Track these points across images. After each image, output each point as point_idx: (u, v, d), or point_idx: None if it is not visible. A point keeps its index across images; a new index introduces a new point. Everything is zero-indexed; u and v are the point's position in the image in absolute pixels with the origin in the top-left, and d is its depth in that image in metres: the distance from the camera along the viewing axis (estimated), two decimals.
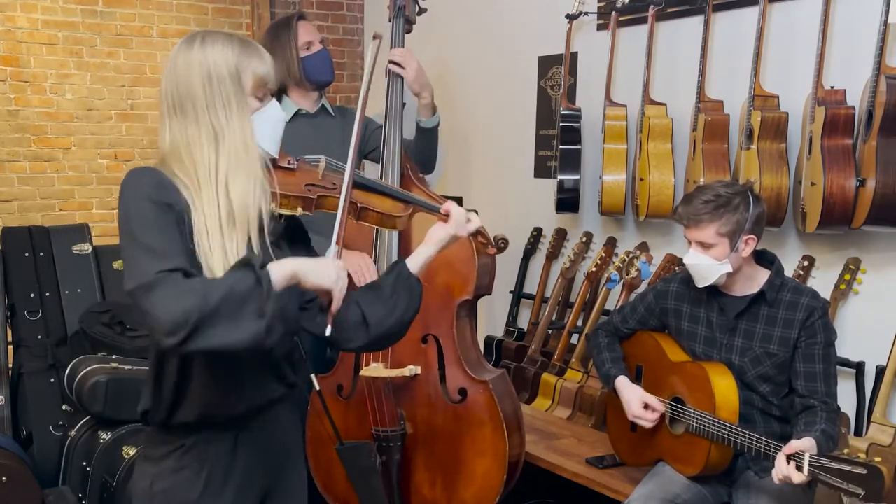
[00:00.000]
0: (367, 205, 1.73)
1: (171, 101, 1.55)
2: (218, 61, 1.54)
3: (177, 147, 1.54)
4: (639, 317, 2.56)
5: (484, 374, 2.67)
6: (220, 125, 1.53)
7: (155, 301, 1.38)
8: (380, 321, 1.71)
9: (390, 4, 2.93)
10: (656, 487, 2.30)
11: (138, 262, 1.42)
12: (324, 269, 1.53)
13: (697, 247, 2.24)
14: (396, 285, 1.73)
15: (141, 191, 1.49)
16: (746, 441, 2.11)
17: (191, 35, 1.59)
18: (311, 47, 2.95)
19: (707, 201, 2.21)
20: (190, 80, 1.54)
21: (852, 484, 1.82)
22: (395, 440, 2.65)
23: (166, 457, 1.60)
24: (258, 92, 1.60)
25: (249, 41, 1.61)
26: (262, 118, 1.60)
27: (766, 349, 2.26)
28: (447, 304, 2.63)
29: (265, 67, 1.60)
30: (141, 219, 1.46)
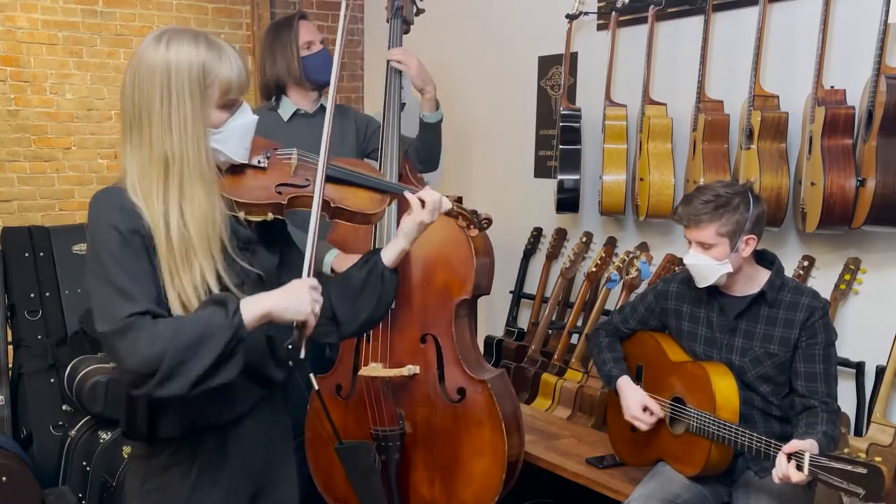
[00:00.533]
0: (342, 203, 1.66)
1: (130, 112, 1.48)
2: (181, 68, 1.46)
3: (131, 170, 1.49)
4: (639, 317, 2.56)
5: (483, 373, 2.67)
6: (171, 149, 1.46)
7: (127, 347, 1.38)
8: (351, 317, 1.69)
9: (388, 5, 2.93)
10: (657, 487, 2.30)
11: (109, 302, 1.41)
12: (298, 302, 1.48)
13: (697, 247, 2.24)
14: (368, 280, 1.70)
15: (107, 218, 1.45)
16: (747, 441, 2.11)
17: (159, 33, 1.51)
18: (311, 47, 2.96)
19: (707, 201, 2.21)
20: (150, 88, 1.46)
21: (852, 483, 1.82)
22: (394, 440, 2.65)
23: (156, 455, 1.60)
24: (225, 101, 1.52)
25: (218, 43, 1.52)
26: (230, 129, 1.54)
27: (766, 349, 2.26)
28: (445, 304, 2.63)
29: (232, 72, 1.50)
30: (109, 253, 1.43)
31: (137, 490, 1.62)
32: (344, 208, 1.67)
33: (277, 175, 1.63)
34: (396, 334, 2.66)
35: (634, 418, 2.37)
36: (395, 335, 2.66)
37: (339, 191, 1.68)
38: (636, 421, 2.37)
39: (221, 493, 1.62)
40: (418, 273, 2.65)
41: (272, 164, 1.63)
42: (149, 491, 1.60)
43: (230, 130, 1.54)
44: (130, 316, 1.39)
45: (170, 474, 1.59)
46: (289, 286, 1.52)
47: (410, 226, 1.74)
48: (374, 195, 1.72)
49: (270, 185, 1.60)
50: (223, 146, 1.54)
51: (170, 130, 1.46)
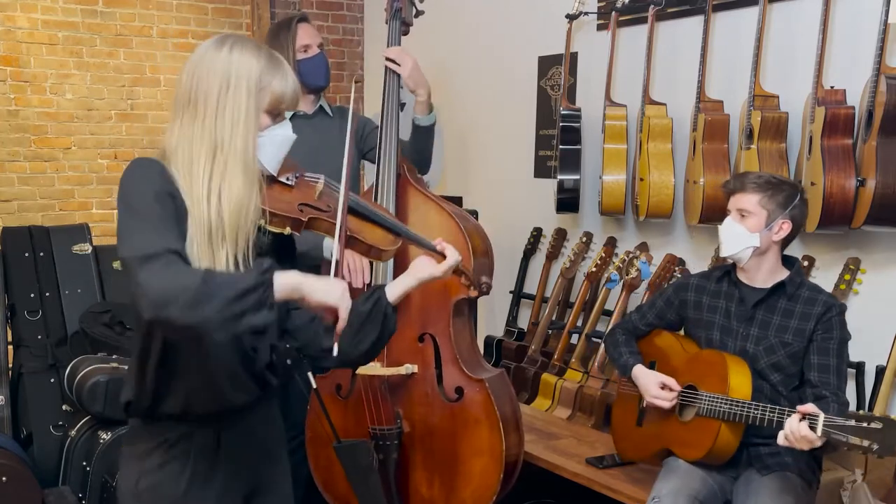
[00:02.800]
0: (357, 234, 1.72)
1: (186, 98, 1.54)
2: (241, 71, 1.53)
3: (179, 146, 1.53)
4: (657, 311, 2.57)
5: (481, 372, 2.67)
6: (222, 135, 1.52)
7: (153, 273, 1.38)
8: (350, 347, 1.71)
9: (387, 7, 2.93)
10: (681, 483, 2.30)
11: (141, 234, 1.43)
12: (329, 288, 1.53)
13: (735, 214, 2.33)
14: (371, 315, 1.73)
15: (147, 178, 1.49)
16: (759, 413, 2.13)
17: (222, 37, 1.58)
18: (307, 50, 2.96)
19: (760, 176, 2.34)
20: (209, 81, 1.53)
21: (866, 439, 1.81)
22: (392, 439, 2.64)
23: (150, 453, 1.60)
24: (274, 109, 1.58)
25: (278, 58, 1.60)
26: (271, 136, 1.59)
27: (781, 339, 2.29)
28: (444, 303, 2.63)
29: (286, 86, 1.58)
30: (146, 201, 1.46)
31: (132, 490, 1.62)
32: (360, 239, 1.72)
33: (302, 195, 1.67)
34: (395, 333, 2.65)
35: (655, 397, 2.39)
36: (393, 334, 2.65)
37: (358, 223, 1.74)
38: (657, 400, 2.38)
39: (215, 492, 1.63)
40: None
41: (299, 184, 1.68)
42: (143, 490, 1.60)
43: (270, 137, 1.59)
44: (166, 250, 1.41)
45: (164, 473, 1.60)
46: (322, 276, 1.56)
47: (426, 274, 1.80)
48: (388, 234, 1.78)
49: (294, 202, 1.65)
50: (260, 151, 1.58)
51: (223, 118, 1.52)
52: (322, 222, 1.66)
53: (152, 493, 1.60)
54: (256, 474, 1.72)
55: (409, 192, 2.71)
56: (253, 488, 1.72)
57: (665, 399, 2.38)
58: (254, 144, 1.55)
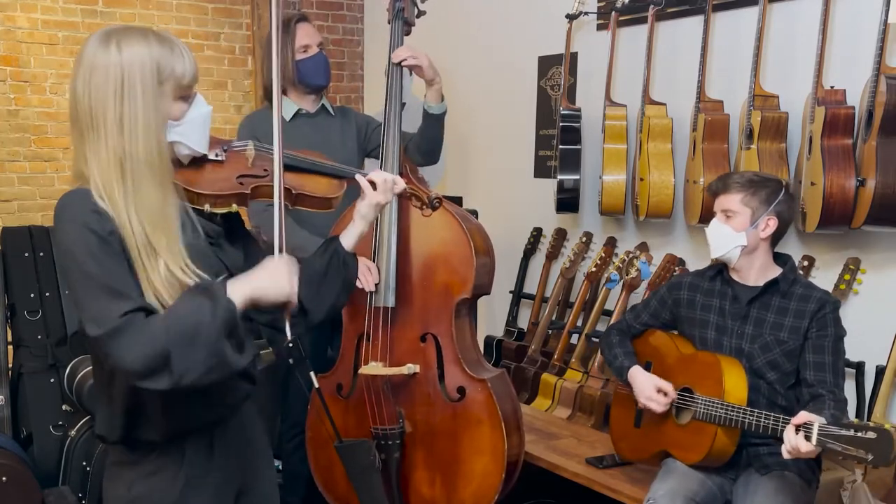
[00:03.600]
0: (303, 189, 1.68)
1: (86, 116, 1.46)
2: (134, 69, 1.44)
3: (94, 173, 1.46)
4: (651, 310, 2.57)
5: (483, 373, 2.67)
6: (123, 149, 1.44)
7: (123, 347, 1.36)
8: (317, 304, 1.70)
9: (389, 7, 2.93)
10: (677, 484, 2.30)
11: (98, 304, 1.38)
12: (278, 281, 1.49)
13: (721, 215, 2.34)
14: (329, 267, 1.71)
15: (82, 220, 1.42)
16: (754, 420, 2.13)
17: (106, 34, 1.48)
18: (307, 50, 2.96)
19: (743, 175, 2.36)
20: (104, 91, 1.44)
21: (861, 449, 1.81)
22: (394, 438, 2.65)
23: (141, 460, 1.56)
24: (183, 93, 1.51)
25: (168, 38, 1.51)
26: (190, 120, 1.53)
27: (776, 336, 2.29)
28: (446, 303, 2.63)
29: (185, 65, 1.49)
30: (90, 255, 1.40)
31: (124, 496, 1.57)
32: (306, 194, 1.69)
33: (236, 167, 1.64)
34: (397, 333, 2.66)
35: (650, 399, 2.38)
36: (395, 334, 2.66)
37: (299, 178, 1.70)
38: (651, 402, 2.38)
39: (210, 492, 1.61)
40: (419, 272, 2.65)
41: (229, 157, 1.64)
42: (137, 497, 1.56)
43: (191, 121, 1.53)
44: (124, 314, 1.37)
45: (157, 479, 1.56)
46: (266, 265, 1.52)
47: (366, 208, 1.76)
48: (331, 181, 1.75)
49: (231, 177, 1.61)
50: (186, 138, 1.53)
51: (121, 131, 1.45)
52: (265, 188, 1.62)
53: (146, 500, 1.56)
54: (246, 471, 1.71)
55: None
56: (243, 484, 1.70)
57: (659, 402, 2.37)
58: (158, 143, 1.47)
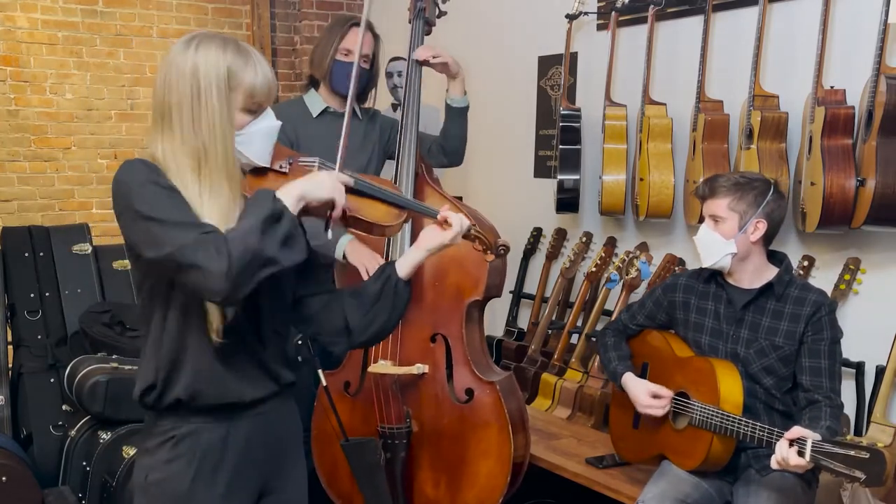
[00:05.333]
0: (357, 213, 1.70)
1: (161, 107, 1.55)
2: (209, 72, 1.53)
3: (166, 158, 1.54)
4: (647, 311, 2.57)
5: (491, 375, 2.67)
6: (203, 144, 1.53)
7: (207, 256, 1.42)
8: (363, 329, 1.72)
9: (410, 7, 2.92)
10: (669, 486, 2.30)
11: (175, 230, 1.44)
12: (321, 182, 1.56)
13: (709, 221, 2.30)
14: (382, 292, 1.72)
15: (143, 177, 1.50)
16: (749, 430, 2.12)
17: (190, 37, 1.58)
18: (349, 55, 2.87)
19: (729, 178, 2.30)
20: (180, 88, 1.53)
21: (854, 468, 1.82)
22: (401, 438, 2.65)
23: (159, 448, 1.63)
24: (250, 105, 1.58)
25: (245, 49, 1.59)
26: (252, 132, 1.59)
27: (771, 341, 2.28)
28: (457, 305, 2.63)
29: (256, 79, 1.57)
30: (157, 197, 1.48)
31: (142, 483, 1.65)
32: (360, 218, 1.70)
33: None
34: (407, 333, 2.66)
35: (646, 407, 2.38)
36: (405, 333, 2.66)
37: (358, 202, 1.71)
38: (648, 409, 2.38)
39: (221, 489, 1.64)
40: (430, 273, 2.65)
41: (293, 170, 1.68)
42: (151, 483, 1.63)
43: (252, 133, 1.59)
44: (203, 234, 1.44)
45: (171, 468, 1.62)
46: (309, 175, 1.59)
47: (432, 243, 1.76)
48: (390, 210, 1.74)
49: None
50: (245, 148, 1.59)
51: (200, 127, 1.53)
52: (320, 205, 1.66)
53: (158, 488, 1.63)
54: (268, 473, 1.72)
55: (427, 191, 2.73)
56: (266, 484, 1.72)
57: (656, 408, 2.37)
58: (232, 147, 1.56)
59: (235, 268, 1.42)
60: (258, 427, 1.68)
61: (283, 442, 1.75)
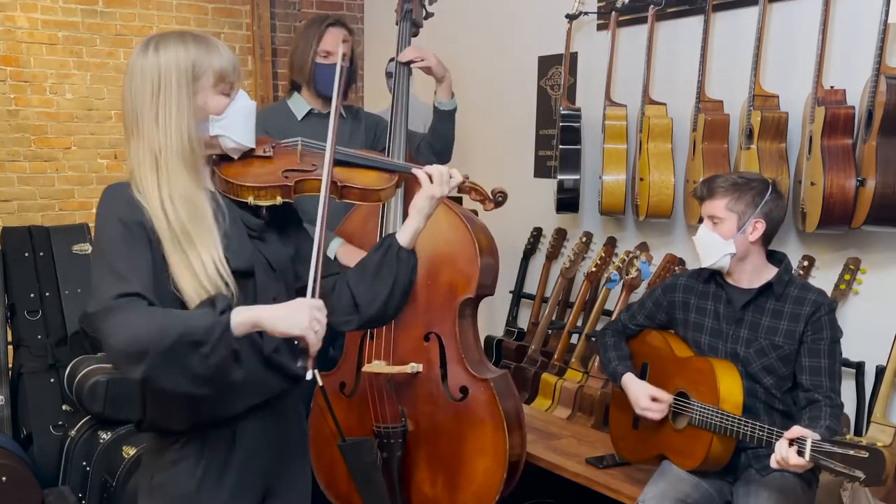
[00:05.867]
0: (348, 182, 1.69)
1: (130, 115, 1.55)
2: (169, 67, 1.52)
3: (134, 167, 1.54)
4: (647, 312, 2.57)
5: (486, 373, 2.67)
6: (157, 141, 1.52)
7: (112, 326, 1.39)
8: (370, 299, 1.71)
9: (397, 8, 2.92)
10: (669, 487, 2.31)
11: (101, 283, 1.43)
12: (294, 316, 1.47)
13: (708, 221, 2.31)
14: (384, 261, 1.71)
15: (113, 209, 1.49)
16: (748, 430, 2.12)
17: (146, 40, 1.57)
18: (328, 57, 2.88)
19: (727, 179, 2.31)
20: (143, 91, 1.52)
21: (853, 468, 1.82)
22: (396, 437, 2.65)
23: (165, 450, 1.61)
24: (222, 87, 1.57)
25: (204, 37, 1.59)
26: (232, 113, 1.58)
27: (771, 341, 2.28)
28: (450, 303, 2.63)
29: (223, 60, 1.57)
30: (109, 239, 1.47)
31: (147, 485, 1.64)
32: (352, 186, 1.69)
33: (284, 162, 1.67)
34: (400, 332, 2.66)
35: (645, 409, 2.38)
36: (398, 333, 2.66)
37: (347, 171, 1.71)
38: (647, 412, 2.38)
39: (228, 489, 1.63)
40: (423, 271, 2.65)
41: (277, 153, 1.68)
42: (157, 486, 1.62)
43: (232, 115, 1.59)
44: (121, 296, 1.40)
45: (177, 469, 1.60)
46: (289, 302, 1.51)
47: (423, 201, 1.76)
48: (381, 174, 1.74)
49: (277, 171, 1.65)
50: (229, 131, 1.59)
51: (156, 125, 1.52)
52: (310, 182, 1.66)
53: (164, 489, 1.61)
54: (274, 471, 1.71)
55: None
56: (270, 485, 1.71)
57: (655, 411, 2.37)
58: (190, 135, 1.54)
59: (127, 353, 1.37)
60: (264, 429, 1.66)
61: (288, 443, 1.74)
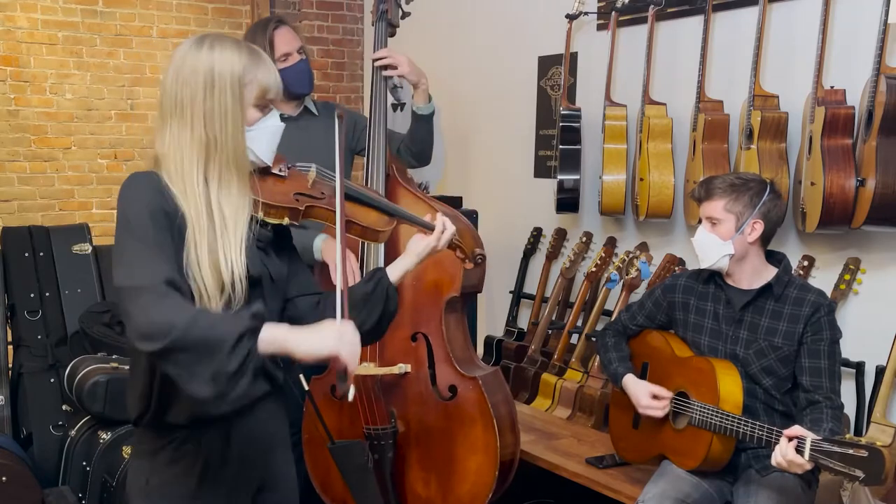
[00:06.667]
0: (353, 218, 1.77)
1: (172, 103, 1.56)
2: (224, 70, 1.55)
3: (171, 153, 1.55)
4: (647, 312, 2.57)
5: (474, 370, 2.66)
6: (214, 137, 1.54)
7: (144, 305, 1.40)
8: None
9: (373, 9, 2.91)
10: (669, 486, 2.31)
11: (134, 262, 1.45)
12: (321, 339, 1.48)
13: (706, 223, 2.31)
14: (373, 294, 1.76)
15: (142, 196, 1.51)
16: (748, 430, 2.12)
17: (200, 37, 1.60)
18: (288, 59, 2.84)
19: (724, 180, 2.31)
20: (194, 83, 1.54)
21: (853, 467, 1.82)
22: (387, 438, 2.64)
23: (160, 451, 1.61)
24: (261, 102, 1.60)
25: (258, 51, 1.63)
26: (262, 128, 1.61)
27: (770, 342, 2.28)
28: (435, 302, 2.63)
29: (270, 78, 1.61)
30: (141, 224, 1.48)
31: (142, 488, 1.62)
32: (356, 223, 1.77)
33: (296, 185, 1.71)
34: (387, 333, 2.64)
35: (647, 408, 2.38)
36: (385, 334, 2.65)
37: (353, 207, 1.78)
38: (649, 410, 2.38)
39: (226, 487, 1.64)
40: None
41: (291, 175, 1.72)
42: (154, 487, 1.61)
43: (262, 129, 1.61)
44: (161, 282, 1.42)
45: (175, 470, 1.60)
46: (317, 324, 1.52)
47: (423, 248, 1.84)
48: (381, 215, 1.82)
49: (289, 192, 1.69)
50: (254, 145, 1.61)
51: (212, 118, 1.54)
52: (319, 210, 1.71)
53: (162, 491, 1.60)
54: (264, 470, 1.73)
55: (399, 192, 2.71)
56: (261, 484, 1.72)
57: (657, 408, 2.38)
58: (243, 142, 1.57)
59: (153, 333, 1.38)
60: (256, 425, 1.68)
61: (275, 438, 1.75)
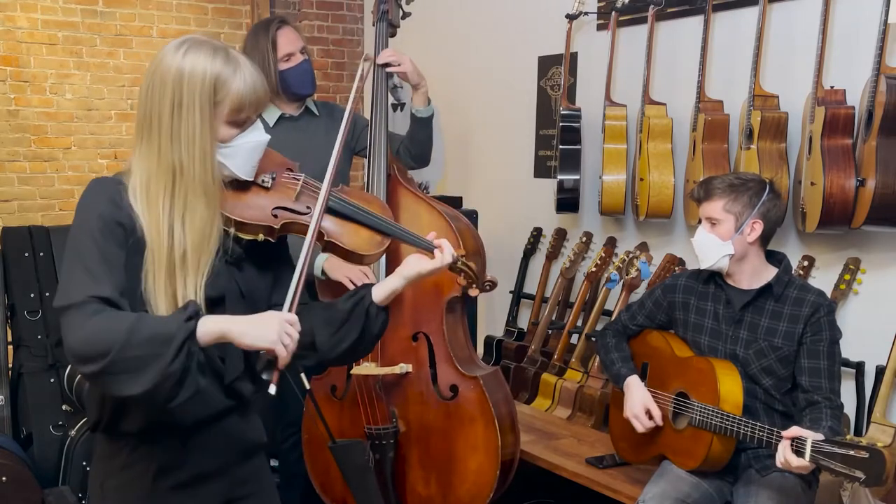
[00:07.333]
0: (336, 239, 1.61)
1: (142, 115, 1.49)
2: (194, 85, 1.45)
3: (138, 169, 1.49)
4: (647, 312, 2.57)
5: (475, 370, 2.67)
6: (179, 160, 1.46)
7: (76, 325, 1.37)
8: (329, 347, 1.65)
9: (374, 9, 2.91)
10: (669, 487, 2.31)
11: (72, 279, 1.40)
12: (262, 330, 1.43)
13: (706, 223, 2.31)
14: (352, 313, 1.65)
15: (95, 206, 1.46)
16: (748, 431, 2.12)
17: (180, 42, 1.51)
18: (291, 59, 2.84)
19: (724, 180, 2.31)
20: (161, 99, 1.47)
21: (853, 468, 1.82)
22: (388, 438, 2.64)
23: (116, 454, 1.58)
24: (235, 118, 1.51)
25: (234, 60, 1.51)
26: (237, 145, 1.52)
27: (770, 342, 2.28)
28: (436, 302, 2.63)
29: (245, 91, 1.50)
30: (89, 235, 1.44)
31: (98, 492, 1.60)
32: (337, 244, 1.62)
33: (279, 198, 1.59)
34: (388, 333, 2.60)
35: (635, 417, 2.39)
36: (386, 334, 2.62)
37: (339, 225, 1.63)
38: (634, 420, 2.39)
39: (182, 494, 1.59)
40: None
41: (276, 185, 1.60)
42: (108, 491, 1.58)
43: (238, 147, 1.53)
44: (92, 298, 1.38)
45: (128, 473, 1.57)
46: (259, 314, 1.47)
47: (413, 272, 1.69)
48: (374, 236, 1.66)
49: (268, 207, 1.57)
50: (229, 161, 1.52)
51: (179, 142, 1.46)
52: (298, 226, 1.58)
53: (118, 494, 1.58)
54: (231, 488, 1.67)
55: (400, 192, 2.71)
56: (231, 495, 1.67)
57: (642, 423, 2.38)
58: (213, 164, 1.48)
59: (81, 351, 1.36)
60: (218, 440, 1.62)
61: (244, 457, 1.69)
